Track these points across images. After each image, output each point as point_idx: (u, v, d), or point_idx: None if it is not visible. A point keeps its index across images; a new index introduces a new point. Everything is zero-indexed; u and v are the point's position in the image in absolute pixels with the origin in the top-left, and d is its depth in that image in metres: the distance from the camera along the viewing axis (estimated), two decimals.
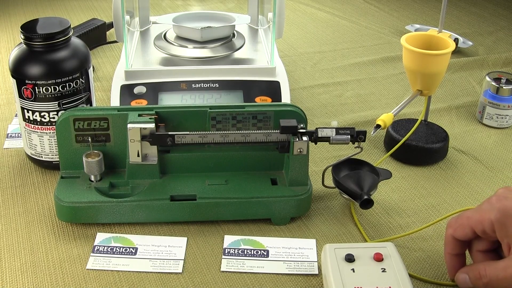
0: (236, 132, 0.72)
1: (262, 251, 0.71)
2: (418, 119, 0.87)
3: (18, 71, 0.77)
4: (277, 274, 0.68)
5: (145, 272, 0.68)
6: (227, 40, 0.99)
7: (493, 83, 0.96)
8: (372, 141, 0.93)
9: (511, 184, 0.84)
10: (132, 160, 0.74)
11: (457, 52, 1.25)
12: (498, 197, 0.56)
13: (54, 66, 0.77)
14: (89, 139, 0.75)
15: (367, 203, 0.69)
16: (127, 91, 0.89)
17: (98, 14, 1.43)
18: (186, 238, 0.72)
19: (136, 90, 0.89)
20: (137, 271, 0.68)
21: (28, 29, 0.78)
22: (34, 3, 1.52)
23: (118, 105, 0.88)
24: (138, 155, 0.73)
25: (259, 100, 0.89)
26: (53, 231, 0.73)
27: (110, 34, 1.30)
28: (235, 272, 0.68)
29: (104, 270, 0.68)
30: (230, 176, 0.76)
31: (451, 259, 0.62)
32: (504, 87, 0.95)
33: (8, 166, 0.86)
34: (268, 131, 0.72)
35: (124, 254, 0.70)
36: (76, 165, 0.76)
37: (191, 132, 0.71)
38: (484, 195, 0.82)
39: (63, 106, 0.79)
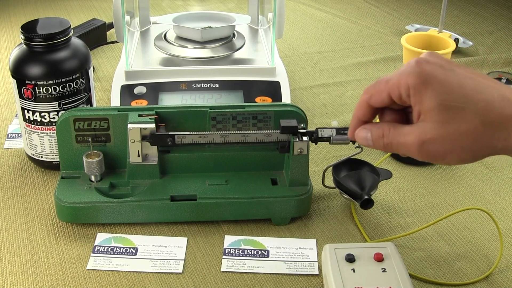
0: (236, 132, 0.72)
1: (262, 251, 0.71)
2: None
3: (18, 71, 0.77)
4: (278, 274, 0.68)
5: (146, 272, 0.68)
6: (227, 40, 0.99)
7: None
8: None
9: (511, 184, 0.84)
10: (132, 160, 0.74)
11: (457, 52, 1.25)
12: (419, 61, 0.52)
13: (54, 66, 0.77)
14: (89, 139, 0.75)
15: (368, 203, 0.69)
16: (127, 91, 0.89)
17: (98, 14, 1.43)
18: (186, 238, 0.72)
19: (136, 90, 0.89)
20: (137, 271, 0.68)
21: (28, 29, 0.78)
22: (34, 3, 1.52)
23: (118, 105, 0.88)
24: (139, 155, 0.73)
25: (259, 100, 0.89)
26: (53, 231, 0.73)
27: (110, 34, 1.30)
28: (235, 272, 0.68)
29: (105, 270, 0.68)
30: (230, 176, 0.76)
31: (358, 123, 0.58)
32: None
33: (8, 166, 0.86)
34: (268, 131, 0.72)
35: (124, 254, 0.70)
36: (76, 165, 0.76)
37: (191, 132, 0.71)
38: (484, 195, 0.82)
39: (63, 106, 0.79)
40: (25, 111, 0.80)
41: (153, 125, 0.72)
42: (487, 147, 0.50)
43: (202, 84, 0.90)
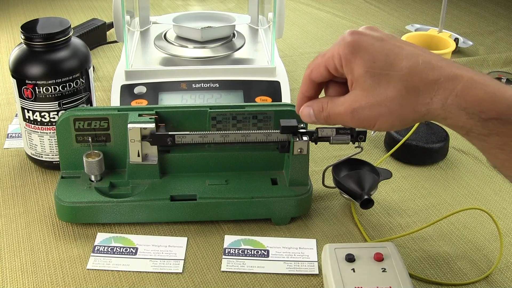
0: (236, 132, 0.72)
1: (262, 251, 0.71)
2: None
3: (18, 71, 0.77)
4: (278, 274, 0.68)
5: (146, 272, 0.68)
6: (227, 40, 0.99)
7: None
8: (373, 141, 0.93)
9: (511, 184, 0.84)
10: (132, 160, 0.74)
11: (457, 52, 1.25)
12: (351, 32, 0.53)
13: (54, 66, 0.77)
14: (89, 139, 0.75)
15: (368, 203, 0.69)
16: (127, 91, 0.89)
17: (98, 14, 1.43)
18: (186, 238, 0.72)
19: (136, 90, 0.89)
20: (137, 271, 0.68)
21: (28, 29, 0.78)
22: (34, 3, 1.52)
23: (118, 105, 0.88)
24: (138, 155, 0.73)
25: (259, 100, 0.89)
26: (53, 231, 0.73)
27: (110, 34, 1.30)
28: (235, 272, 0.68)
29: (105, 270, 0.68)
30: (230, 176, 0.76)
31: (303, 99, 0.60)
32: None
33: (8, 166, 0.86)
34: (268, 131, 0.72)
35: (124, 254, 0.70)
36: (76, 165, 0.76)
37: (191, 132, 0.71)
38: (485, 194, 0.82)
39: (63, 106, 0.79)
40: (25, 110, 0.80)
41: (153, 125, 0.72)
42: (412, 112, 0.52)
43: (202, 84, 0.90)
